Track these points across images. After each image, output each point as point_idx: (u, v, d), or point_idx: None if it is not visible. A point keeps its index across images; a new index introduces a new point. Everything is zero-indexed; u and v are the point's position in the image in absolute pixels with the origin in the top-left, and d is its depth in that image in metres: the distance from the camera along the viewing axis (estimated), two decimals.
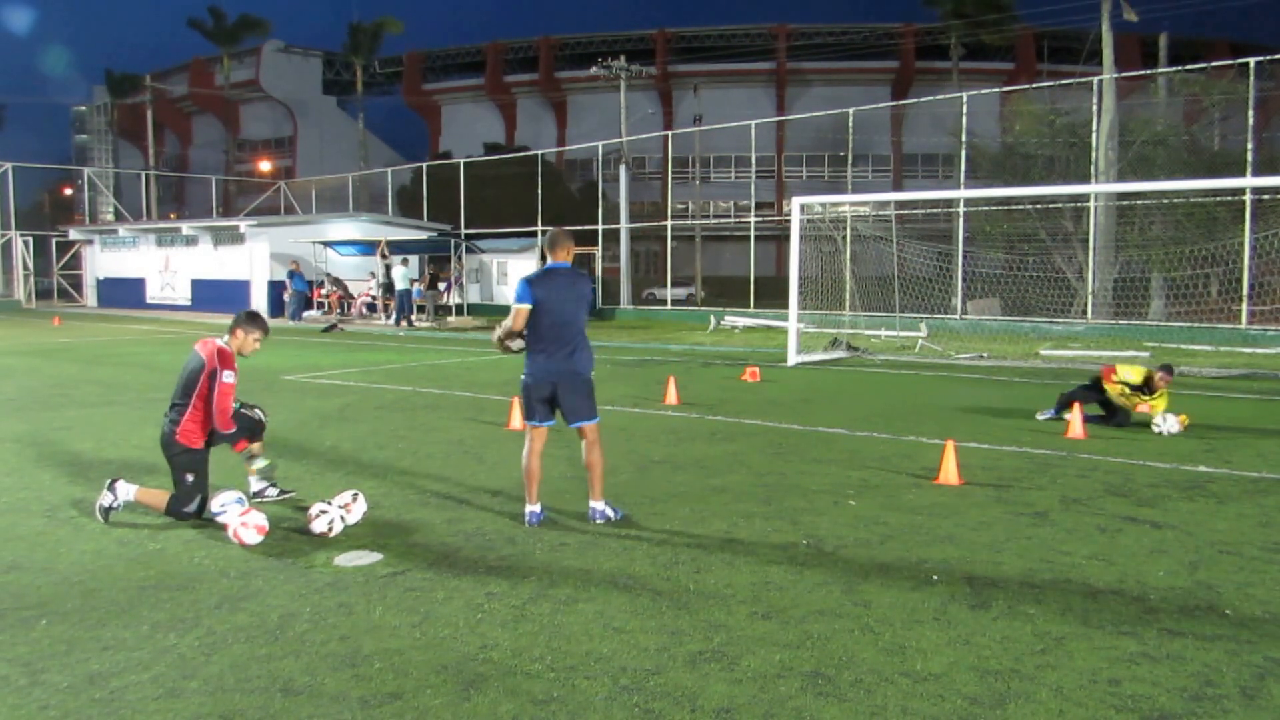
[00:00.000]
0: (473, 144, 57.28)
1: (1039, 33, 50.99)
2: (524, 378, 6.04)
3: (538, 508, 6.09)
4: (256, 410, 6.52)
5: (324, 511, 5.73)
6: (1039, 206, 24.47)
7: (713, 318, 25.86)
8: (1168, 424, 9.37)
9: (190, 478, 5.98)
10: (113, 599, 4.70)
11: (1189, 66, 25.81)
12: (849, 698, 3.61)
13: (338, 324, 26.16)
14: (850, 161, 30.21)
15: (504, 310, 31.27)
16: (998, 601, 4.64)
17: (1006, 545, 5.60)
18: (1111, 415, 9.84)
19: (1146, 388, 9.63)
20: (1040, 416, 10.11)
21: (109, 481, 6.15)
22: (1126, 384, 9.69)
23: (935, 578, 5.00)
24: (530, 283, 5.91)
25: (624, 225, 32.91)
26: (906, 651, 4.04)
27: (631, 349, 19.62)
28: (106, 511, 6.04)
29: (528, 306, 5.87)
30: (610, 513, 6.11)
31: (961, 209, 24.19)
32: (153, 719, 3.48)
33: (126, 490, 6.07)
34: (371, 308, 29.94)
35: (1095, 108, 23.33)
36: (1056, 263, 24.25)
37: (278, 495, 6.54)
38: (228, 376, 5.98)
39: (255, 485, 6.51)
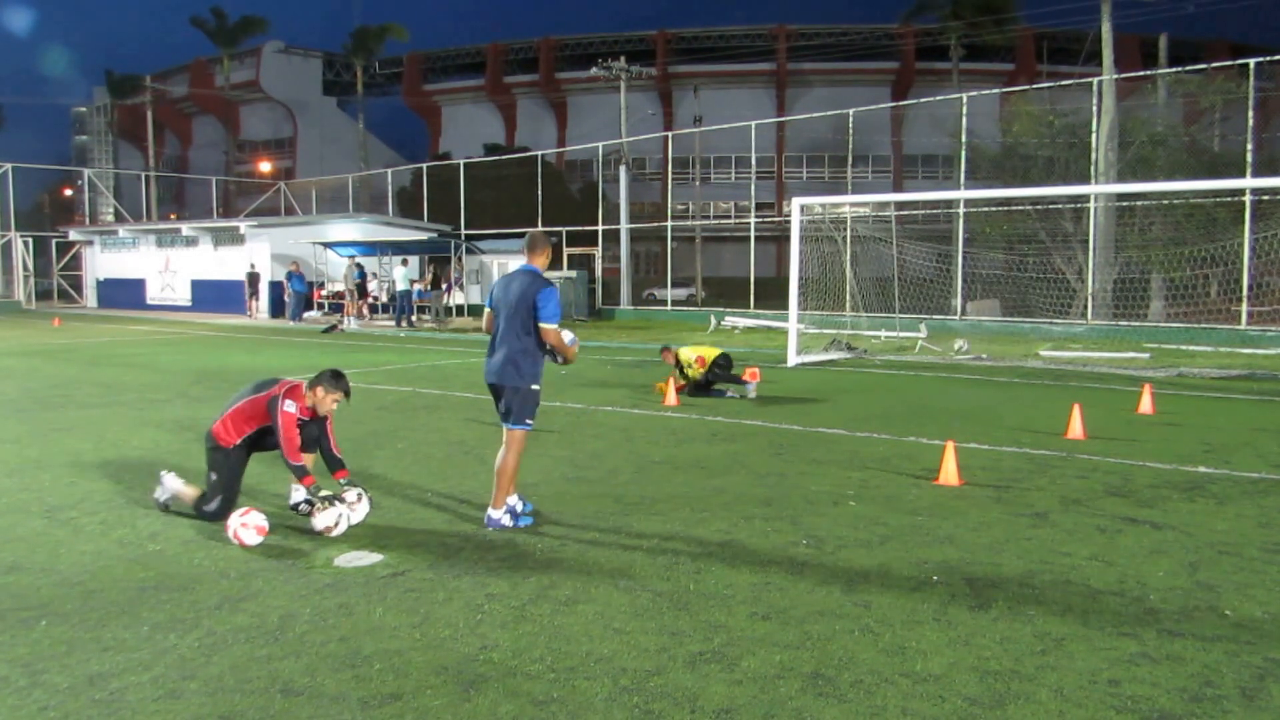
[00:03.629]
0: (473, 145, 57.31)
1: (1039, 34, 51.03)
2: (539, 385, 5.99)
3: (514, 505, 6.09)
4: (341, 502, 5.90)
5: (331, 505, 5.70)
6: (1039, 207, 24.48)
7: (713, 318, 25.87)
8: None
9: (214, 476, 5.97)
10: (113, 600, 4.70)
11: (1189, 67, 25.84)
12: (849, 698, 3.61)
13: (338, 325, 26.16)
14: (850, 162, 30.21)
15: None
16: (998, 602, 4.65)
17: (1006, 546, 5.60)
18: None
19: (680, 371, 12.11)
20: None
21: (161, 474, 6.32)
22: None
23: (935, 578, 5.00)
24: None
25: (624, 226, 32.90)
26: (906, 652, 4.04)
27: (631, 349, 19.63)
28: (163, 506, 6.21)
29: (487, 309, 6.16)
30: (506, 521, 5.91)
31: (961, 210, 24.19)
32: (152, 719, 3.49)
33: (173, 482, 6.20)
34: (373, 309, 29.97)
35: (1095, 108, 23.33)
36: (1056, 263, 24.25)
37: (310, 511, 6.35)
38: (290, 406, 5.85)
39: (294, 497, 6.35)
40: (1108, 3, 24.69)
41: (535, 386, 5.92)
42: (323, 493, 5.82)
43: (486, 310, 6.13)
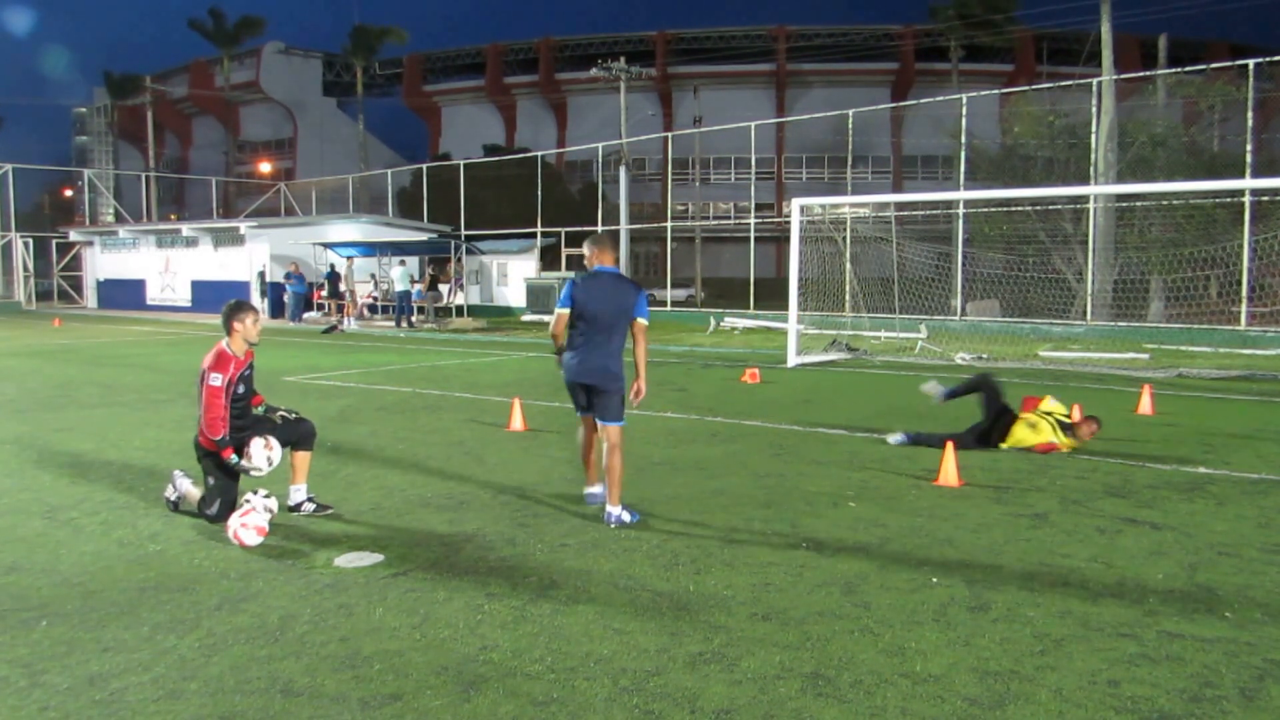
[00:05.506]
0: (473, 145, 57.29)
1: (1038, 34, 51.02)
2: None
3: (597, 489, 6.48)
4: (281, 413, 6.38)
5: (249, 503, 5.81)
6: (1038, 208, 24.48)
7: (712, 319, 25.86)
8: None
9: (211, 481, 6.00)
10: (113, 600, 4.70)
11: (1188, 68, 25.84)
12: (849, 699, 3.62)
13: (338, 325, 26.16)
14: (850, 163, 30.21)
15: (505, 311, 31.42)
16: (997, 603, 4.65)
17: (1006, 547, 5.60)
18: (977, 441, 8.46)
19: (1070, 430, 8.47)
20: (893, 440, 8.75)
21: (173, 473, 6.39)
22: (1051, 413, 8.51)
23: (935, 579, 5.01)
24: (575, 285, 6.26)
25: (624, 226, 32.91)
26: (906, 653, 4.04)
27: (631, 350, 19.61)
28: (173, 505, 6.28)
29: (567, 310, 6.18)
30: (626, 516, 6.10)
31: (961, 210, 24.20)
32: None
33: (183, 484, 6.25)
34: (372, 309, 29.97)
35: (1094, 109, 23.33)
36: (1056, 264, 24.25)
37: (314, 510, 6.30)
38: (214, 379, 5.90)
39: (294, 498, 6.34)
40: (1107, 3, 24.69)
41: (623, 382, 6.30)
42: (241, 463, 6.07)
43: (563, 312, 6.17)
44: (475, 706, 3.56)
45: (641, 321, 6.22)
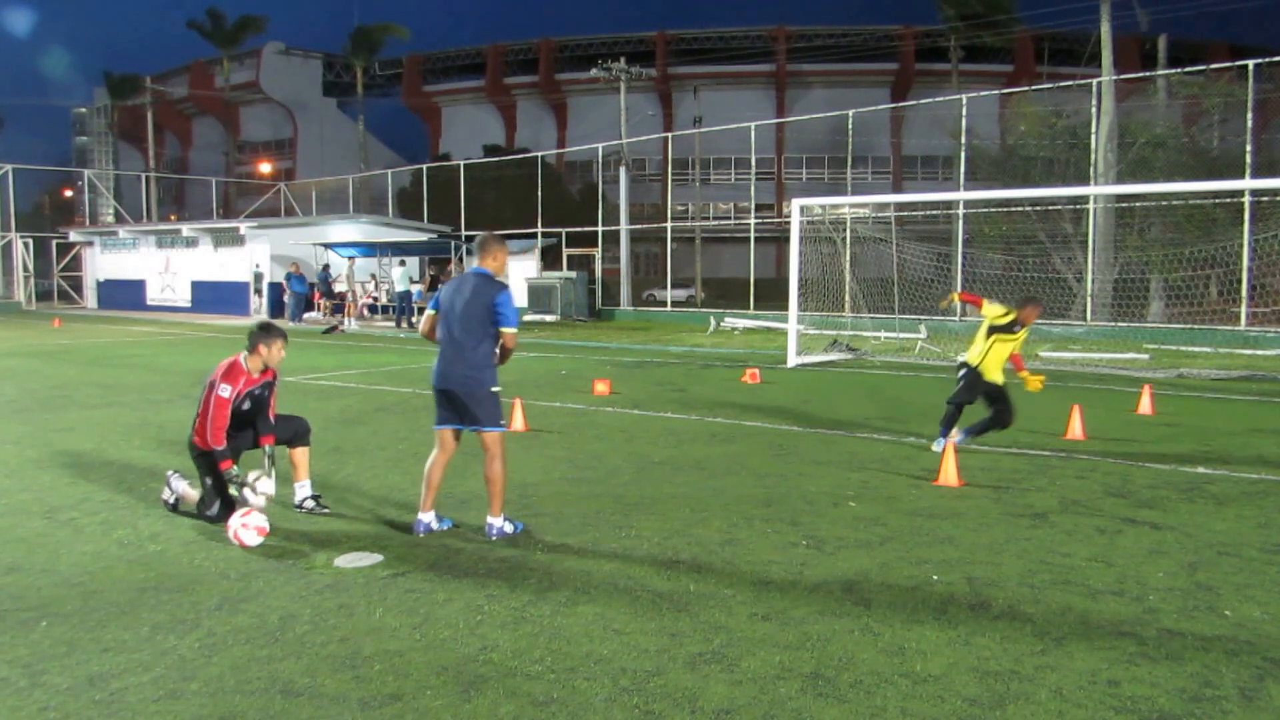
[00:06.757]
0: (473, 146, 57.31)
1: (1038, 35, 51.05)
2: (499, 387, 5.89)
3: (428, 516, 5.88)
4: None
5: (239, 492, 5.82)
6: (1038, 208, 24.49)
7: (712, 319, 25.87)
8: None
9: (208, 481, 6.01)
10: (113, 600, 4.70)
11: (1188, 69, 25.85)
12: (849, 699, 3.62)
13: (338, 326, 26.16)
14: (850, 163, 30.22)
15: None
16: (997, 602, 4.65)
17: (1006, 546, 5.60)
18: (999, 412, 8.42)
19: (1015, 324, 8.51)
20: (936, 447, 8.35)
21: (168, 475, 6.41)
22: (995, 325, 8.48)
23: (935, 579, 5.01)
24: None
25: (624, 227, 32.92)
26: (906, 652, 4.04)
27: (631, 350, 19.63)
28: (171, 506, 6.29)
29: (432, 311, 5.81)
30: (508, 528, 5.81)
31: (961, 211, 24.21)
32: None
33: (179, 485, 6.26)
34: (372, 309, 29.98)
35: (1094, 110, 23.34)
36: (1056, 264, 24.26)
37: (314, 507, 6.32)
38: (223, 390, 5.89)
39: (298, 494, 6.35)
40: (1107, 3, 24.70)
41: (497, 389, 5.75)
42: (235, 476, 5.93)
43: (429, 313, 5.80)
44: (475, 706, 3.56)
45: (506, 331, 5.62)
